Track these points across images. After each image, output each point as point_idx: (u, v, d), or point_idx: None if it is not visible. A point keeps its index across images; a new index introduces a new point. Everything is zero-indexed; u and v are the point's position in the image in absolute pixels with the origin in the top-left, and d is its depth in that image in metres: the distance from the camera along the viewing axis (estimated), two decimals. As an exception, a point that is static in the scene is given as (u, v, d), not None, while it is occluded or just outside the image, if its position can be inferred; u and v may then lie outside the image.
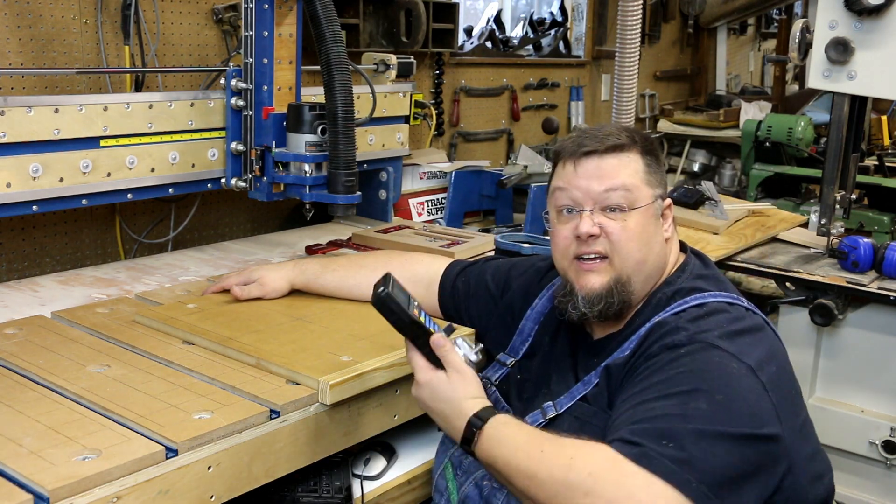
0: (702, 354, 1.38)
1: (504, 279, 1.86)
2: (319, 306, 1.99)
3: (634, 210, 1.53)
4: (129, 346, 1.75)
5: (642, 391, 1.38)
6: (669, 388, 1.35)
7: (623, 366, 1.48)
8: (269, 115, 2.41)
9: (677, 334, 1.43)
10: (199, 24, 2.84)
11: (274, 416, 1.49)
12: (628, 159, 1.55)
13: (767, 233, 2.95)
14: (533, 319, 1.74)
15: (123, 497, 1.25)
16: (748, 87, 6.60)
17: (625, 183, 1.53)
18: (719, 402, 1.31)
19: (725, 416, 1.30)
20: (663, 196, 1.59)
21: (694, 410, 1.30)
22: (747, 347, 1.40)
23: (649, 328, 1.49)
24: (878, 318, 2.50)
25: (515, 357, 1.73)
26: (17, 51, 2.40)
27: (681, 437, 1.27)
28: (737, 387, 1.34)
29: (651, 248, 1.55)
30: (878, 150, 4.22)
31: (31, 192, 2.07)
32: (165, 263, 2.48)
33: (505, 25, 4.51)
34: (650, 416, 1.32)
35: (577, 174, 1.55)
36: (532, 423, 1.52)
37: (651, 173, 1.56)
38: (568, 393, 1.55)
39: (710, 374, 1.35)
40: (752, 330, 1.46)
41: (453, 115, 4.01)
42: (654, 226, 1.56)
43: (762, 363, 1.39)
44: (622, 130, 1.59)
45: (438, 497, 1.65)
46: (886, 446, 2.47)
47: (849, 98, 2.58)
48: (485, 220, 3.40)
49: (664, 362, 1.40)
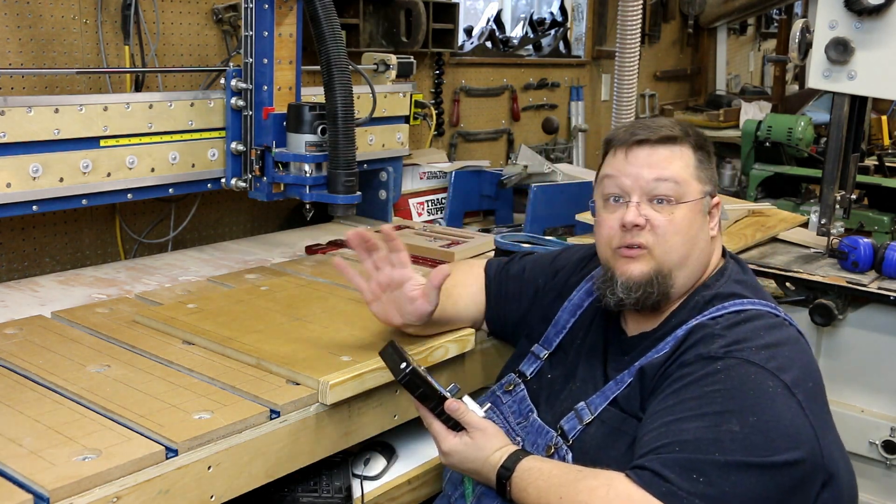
0: (737, 371, 1.36)
1: (544, 272, 1.85)
2: (319, 306, 1.99)
3: (682, 204, 1.51)
4: (129, 346, 1.75)
5: (674, 406, 1.37)
6: (702, 408, 1.33)
7: (658, 367, 1.46)
8: (269, 115, 2.41)
9: (713, 343, 1.41)
10: (199, 24, 2.84)
11: (274, 416, 1.49)
12: (680, 152, 1.54)
13: (767, 233, 2.95)
14: (569, 312, 1.72)
15: (123, 497, 1.25)
16: (748, 87, 6.60)
17: (675, 175, 1.51)
18: (752, 424, 1.30)
19: (759, 440, 1.29)
20: (712, 193, 1.57)
21: (726, 434, 1.29)
22: (785, 362, 1.38)
23: (686, 331, 1.47)
24: (878, 318, 2.49)
25: (548, 349, 1.71)
26: (17, 51, 2.40)
27: (712, 471, 1.26)
28: (772, 407, 1.32)
29: (695, 245, 1.53)
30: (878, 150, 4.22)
31: (31, 192, 2.07)
32: (165, 263, 2.48)
33: (505, 25, 4.50)
34: (681, 441, 1.31)
35: (627, 162, 1.54)
36: (568, 428, 1.52)
37: (702, 169, 1.55)
38: (601, 392, 1.53)
39: (745, 394, 1.33)
40: (788, 342, 1.44)
41: (453, 115, 4.01)
42: (700, 222, 1.54)
43: (798, 380, 1.37)
44: (676, 124, 1.58)
45: (452, 489, 1.65)
46: (886, 446, 2.47)
47: (849, 98, 2.58)
48: (485, 220, 3.40)
49: (698, 376, 1.38)
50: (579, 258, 1.82)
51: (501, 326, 1.89)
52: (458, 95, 4.03)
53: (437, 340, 1.80)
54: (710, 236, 1.56)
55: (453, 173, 3.26)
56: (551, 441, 1.53)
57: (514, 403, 1.67)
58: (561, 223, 3.09)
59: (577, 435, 1.51)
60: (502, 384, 1.72)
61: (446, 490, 1.68)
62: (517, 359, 1.77)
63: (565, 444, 1.50)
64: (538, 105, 4.58)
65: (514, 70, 4.40)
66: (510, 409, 1.66)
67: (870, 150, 4.25)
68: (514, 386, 1.69)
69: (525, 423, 1.62)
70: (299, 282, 2.21)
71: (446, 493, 1.68)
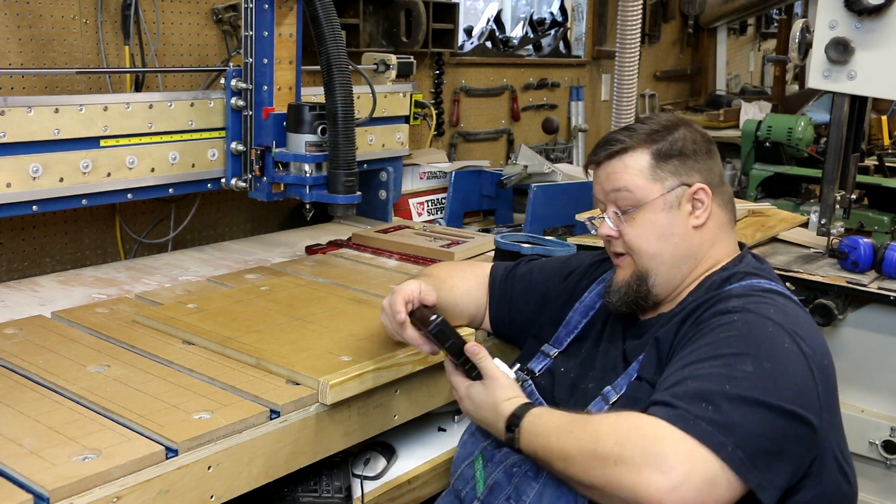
0: (756, 321, 1.38)
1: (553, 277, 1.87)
2: (319, 306, 1.99)
3: (641, 208, 1.57)
4: (129, 346, 1.75)
5: (690, 353, 1.39)
6: (717, 350, 1.36)
7: (674, 331, 1.50)
8: (269, 115, 2.41)
9: (730, 302, 1.45)
10: (199, 24, 2.84)
11: (274, 416, 1.49)
12: (632, 159, 1.58)
13: (767, 233, 2.94)
14: (580, 312, 1.75)
15: (123, 497, 1.25)
16: (748, 87, 6.60)
17: (626, 184, 1.57)
18: (766, 369, 1.31)
19: (770, 384, 1.30)
20: (687, 183, 1.57)
21: (739, 372, 1.30)
22: (802, 333, 1.40)
23: (703, 300, 1.51)
24: (878, 318, 2.49)
25: (559, 348, 1.73)
26: (17, 51, 2.40)
27: (721, 401, 1.27)
28: (785, 361, 1.34)
29: (668, 240, 1.57)
30: (878, 150, 4.21)
31: (31, 192, 2.07)
32: (165, 263, 2.48)
33: (505, 25, 4.50)
34: (693, 376, 1.33)
35: (594, 180, 1.65)
36: (596, 410, 1.53)
37: (660, 167, 1.57)
38: (625, 375, 1.56)
39: (761, 342, 1.35)
40: (807, 321, 1.46)
41: (453, 115, 4.01)
42: (668, 217, 1.57)
43: (815, 350, 1.39)
44: (629, 131, 1.61)
45: (462, 484, 1.65)
46: (886, 446, 2.47)
47: (849, 98, 2.58)
48: (485, 220, 3.40)
49: (715, 325, 1.41)
50: (590, 262, 1.85)
51: (506, 327, 1.90)
52: (458, 95, 4.03)
53: (437, 340, 1.80)
54: (691, 225, 1.58)
55: (453, 173, 3.26)
56: None
57: None
58: (561, 223, 3.09)
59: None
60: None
61: (455, 485, 1.68)
62: (525, 358, 1.78)
63: None
64: (538, 105, 4.58)
65: (514, 70, 4.40)
66: None
67: (870, 150, 4.25)
68: (521, 382, 1.70)
69: None
70: (299, 282, 2.21)
71: (455, 488, 1.67)
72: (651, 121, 1.63)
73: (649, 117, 1.65)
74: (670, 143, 1.58)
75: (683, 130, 1.60)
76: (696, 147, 1.59)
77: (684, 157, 1.58)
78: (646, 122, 1.62)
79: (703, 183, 1.58)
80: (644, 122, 1.63)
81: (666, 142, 1.58)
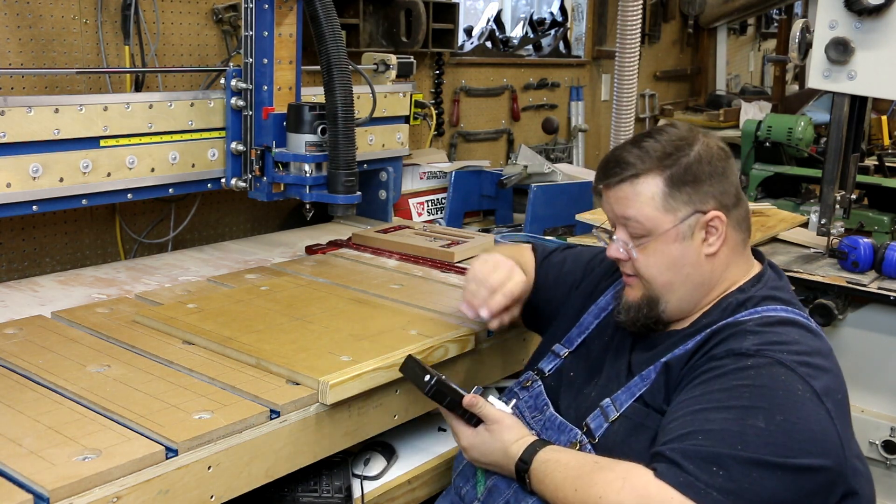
0: (768, 370, 1.35)
1: (582, 268, 1.87)
2: (319, 306, 1.99)
3: (652, 238, 1.52)
4: (129, 346, 1.75)
5: (701, 396, 1.36)
6: (729, 401, 1.33)
7: (685, 361, 1.46)
8: (269, 115, 2.41)
9: (745, 340, 1.41)
10: (199, 24, 2.84)
11: (274, 416, 1.49)
12: (644, 186, 1.51)
13: (767, 233, 2.94)
14: (594, 314, 1.74)
15: (123, 497, 1.25)
16: (748, 87, 6.59)
17: (637, 214, 1.52)
18: (778, 423, 1.29)
19: (783, 439, 1.28)
20: (702, 210, 1.50)
21: (751, 429, 1.28)
22: (816, 371, 1.37)
23: (717, 328, 1.47)
24: (878, 318, 2.49)
25: (569, 348, 1.72)
26: (17, 51, 2.40)
27: (732, 465, 1.26)
28: (800, 410, 1.31)
29: (680, 270, 1.53)
30: (878, 150, 4.21)
31: (31, 192, 2.07)
32: (165, 263, 2.48)
33: (505, 25, 4.50)
34: (704, 430, 1.30)
35: (604, 202, 1.60)
36: (594, 426, 1.52)
37: (674, 196, 1.50)
38: (626, 388, 1.53)
39: (774, 393, 1.32)
40: (820, 352, 1.43)
41: (453, 115, 4.01)
42: (681, 248, 1.52)
43: (828, 389, 1.36)
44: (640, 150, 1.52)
45: (463, 482, 1.65)
46: (886, 446, 2.47)
47: (849, 98, 2.58)
48: (485, 220, 3.40)
49: (728, 370, 1.37)
50: (611, 263, 1.80)
51: (532, 311, 1.89)
52: (458, 95, 4.03)
53: (438, 340, 1.80)
54: (704, 254, 1.53)
55: (453, 173, 3.26)
56: (575, 438, 1.53)
57: (530, 399, 1.68)
58: (561, 223, 3.10)
59: (603, 433, 1.51)
60: (520, 381, 1.74)
61: (456, 483, 1.68)
62: (537, 357, 1.79)
63: (590, 443, 1.51)
64: (538, 105, 4.58)
65: (514, 70, 4.40)
66: (526, 403, 1.68)
67: (870, 150, 4.25)
68: (531, 382, 1.71)
69: (540, 418, 1.63)
70: (299, 282, 2.21)
71: (456, 486, 1.68)
72: (663, 136, 1.53)
73: (662, 130, 1.56)
74: (684, 168, 1.50)
75: (699, 148, 1.51)
76: (712, 168, 1.51)
77: (699, 184, 1.50)
78: (658, 139, 1.53)
79: (717, 209, 1.51)
80: (657, 137, 1.53)
81: (679, 167, 1.50)
